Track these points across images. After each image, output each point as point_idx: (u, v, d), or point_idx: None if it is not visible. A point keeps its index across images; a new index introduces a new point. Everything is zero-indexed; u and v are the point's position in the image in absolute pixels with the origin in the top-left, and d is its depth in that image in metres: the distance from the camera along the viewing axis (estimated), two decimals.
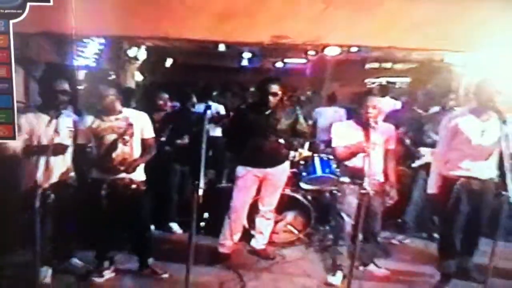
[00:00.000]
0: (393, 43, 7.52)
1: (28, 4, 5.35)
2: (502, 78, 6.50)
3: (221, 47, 11.52)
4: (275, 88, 7.20)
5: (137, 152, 6.73)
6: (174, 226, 8.80)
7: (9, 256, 7.00)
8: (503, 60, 7.25)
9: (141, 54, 13.19)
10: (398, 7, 7.07)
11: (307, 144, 8.97)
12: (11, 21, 5.34)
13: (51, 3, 5.40)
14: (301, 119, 7.58)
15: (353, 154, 6.66)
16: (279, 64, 18.44)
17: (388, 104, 10.85)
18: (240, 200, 7.48)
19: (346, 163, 6.86)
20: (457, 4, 6.96)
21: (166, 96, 8.81)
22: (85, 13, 6.44)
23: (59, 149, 6.36)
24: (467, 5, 6.98)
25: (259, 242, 7.86)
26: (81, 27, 6.59)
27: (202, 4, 6.97)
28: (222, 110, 11.02)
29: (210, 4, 6.99)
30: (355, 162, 6.67)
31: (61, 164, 6.50)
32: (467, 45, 7.37)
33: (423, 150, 8.35)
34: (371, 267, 7.21)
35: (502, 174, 6.18)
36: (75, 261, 7.01)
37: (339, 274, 6.93)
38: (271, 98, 7.18)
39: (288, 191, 8.18)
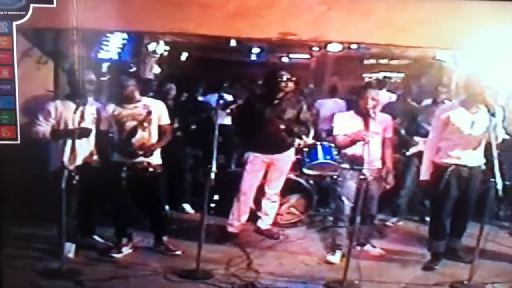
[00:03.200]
0: (388, 41, 7.54)
1: (32, 5, 5.24)
2: (490, 74, 6.49)
3: (233, 43, 11.45)
4: (286, 74, 7.31)
5: (154, 137, 6.78)
6: (187, 207, 8.77)
7: (37, 231, 7.05)
8: (491, 57, 7.22)
9: (160, 48, 13.17)
10: (391, 9, 7.09)
11: (312, 133, 8.94)
12: (14, 23, 5.22)
13: (54, 5, 5.32)
14: (305, 109, 7.58)
15: (352, 142, 6.65)
16: (285, 59, 18.40)
17: (385, 96, 10.80)
18: (248, 184, 7.48)
19: (346, 150, 6.84)
20: (448, 5, 6.97)
21: (172, 86, 8.82)
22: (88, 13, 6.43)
23: (84, 133, 6.44)
24: (456, 6, 6.98)
25: (264, 222, 7.84)
26: (85, 25, 6.60)
27: (217, 4, 6.99)
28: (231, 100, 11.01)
29: (224, 4, 7.01)
30: (354, 150, 6.67)
31: (86, 148, 6.55)
32: (457, 43, 7.36)
33: (416, 139, 8.31)
34: (368, 247, 7.17)
35: (489, 162, 6.18)
36: (96, 237, 7.03)
37: (338, 253, 6.92)
38: (283, 84, 7.25)
39: (292, 176, 8.15)
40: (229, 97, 10.61)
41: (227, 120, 9.63)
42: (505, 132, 6.81)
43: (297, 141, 8.11)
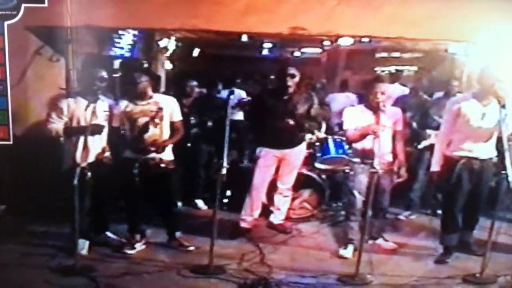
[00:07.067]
0: (399, 35, 7.54)
1: (23, 5, 5.22)
2: (502, 66, 6.45)
3: (244, 38, 11.44)
4: (292, 70, 7.20)
5: (166, 134, 6.77)
6: (200, 203, 8.81)
7: (51, 228, 7.10)
8: (503, 50, 7.20)
9: (171, 44, 13.20)
10: (402, 3, 7.09)
11: (324, 127, 8.93)
12: (6, 22, 5.22)
13: (46, 4, 5.32)
14: (316, 104, 7.56)
15: (362, 136, 6.62)
16: (296, 54, 18.40)
17: (397, 90, 10.78)
18: (260, 179, 7.46)
19: (357, 144, 6.82)
20: None
21: (194, 83, 8.86)
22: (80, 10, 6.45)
23: (97, 129, 6.44)
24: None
25: (277, 217, 7.84)
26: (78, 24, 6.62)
27: (227, 0, 7.00)
28: (244, 95, 10.98)
29: (234, 0, 7.04)
30: (365, 144, 6.63)
31: (98, 145, 6.56)
32: (469, 36, 7.35)
33: (428, 132, 8.29)
34: (380, 240, 7.16)
35: (500, 155, 6.15)
36: (110, 234, 7.04)
37: (350, 247, 6.89)
38: (289, 79, 7.15)
39: (304, 171, 8.14)
40: (242, 93, 10.61)
41: (240, 116, 9.64)
42: None
43: (309, 135, 8.10)
